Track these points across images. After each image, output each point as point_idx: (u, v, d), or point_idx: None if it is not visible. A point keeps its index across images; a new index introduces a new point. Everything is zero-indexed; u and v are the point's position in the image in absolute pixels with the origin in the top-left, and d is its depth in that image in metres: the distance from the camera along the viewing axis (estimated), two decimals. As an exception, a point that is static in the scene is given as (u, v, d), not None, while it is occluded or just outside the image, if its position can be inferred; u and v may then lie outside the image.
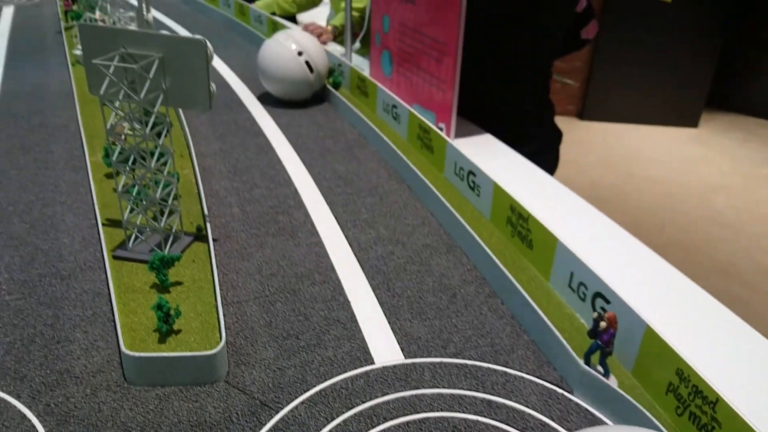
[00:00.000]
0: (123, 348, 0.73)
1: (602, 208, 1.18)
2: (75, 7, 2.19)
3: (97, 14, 1.75)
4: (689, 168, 4.02)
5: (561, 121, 1.80)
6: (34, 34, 2.21)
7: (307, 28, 2.19)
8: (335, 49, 2.12)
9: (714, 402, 0.62)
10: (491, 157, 1.38)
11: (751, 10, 4.56)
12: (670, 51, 4.47)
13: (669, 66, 4.53)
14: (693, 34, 4.40)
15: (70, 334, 0.80)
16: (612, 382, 0.72)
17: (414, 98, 1.54)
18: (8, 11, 2.56)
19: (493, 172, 1.07)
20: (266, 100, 1.65)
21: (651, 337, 0.71)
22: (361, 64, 1.93)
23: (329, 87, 1.67)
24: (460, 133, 1.49)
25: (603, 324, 0.71)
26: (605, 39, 4.52)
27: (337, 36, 2.24)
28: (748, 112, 4.92)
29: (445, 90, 1.39)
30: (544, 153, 1.64)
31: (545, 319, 0.79)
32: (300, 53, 1.56)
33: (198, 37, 0.83)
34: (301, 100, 1.62)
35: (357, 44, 2.02)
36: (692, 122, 4.70)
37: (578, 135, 4.47)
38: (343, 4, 2.12)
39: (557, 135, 1.76)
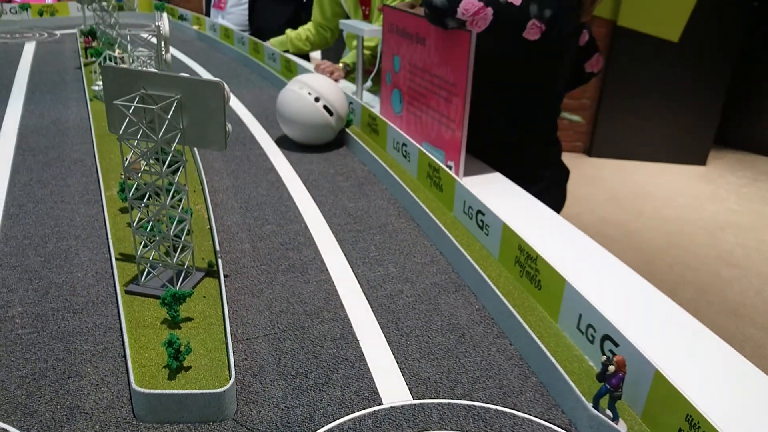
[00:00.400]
0: (133, 384, 0.74)
1: (611, 246, 1.19)
2: (95, 44, 2.25)
3: (117, 51, 1.80)
4: (698, 206, 4.02)
5: (569, 158, 1.82)
6: (54, 70, 2.28)
7: (318, 66, 2.24)
8: (346, 86, 2.16)
9: (724, 450, 0.61)
10: (500, 195, 1.39)
11: (760, 48, 4.61)
12: (678, 88, 4.52)
13: (676, 103, 4.57)
14: (700, 72, 4.45)
15: (81, 369, 0.81)
16: (621, 427, 0.71)
17: (423, 137, 1.57)
18: (30, 47, 2.64)
19: (501, 211, 1.09)
20: (278, 136, 1.68)
21: (660, 381, 0.71)
22: (371, 102, 1.97)
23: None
24: (469, 172, 1.51)
25: (612, 368, 0.71)
26: (612, 76, 4.57)
27: (349, 73, 2.29)
28: (756, 151, 4.93)
29: (454, 129, 1.42)
30: (551, 191, 1.65)
31: (553, 361, 0.79)
32: (317, 99, 1.55)
33: (216, 79, 0.86)
34: (326, 144, 1.63)
35: (368, 83, 2.07)
36: (700, 160, 4.71)
37: (586, 172, 4.49)
38: (355, 42, 2.18)
39: (564, 173, 1.77)
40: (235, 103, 1.95)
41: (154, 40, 1.32)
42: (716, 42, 4.36)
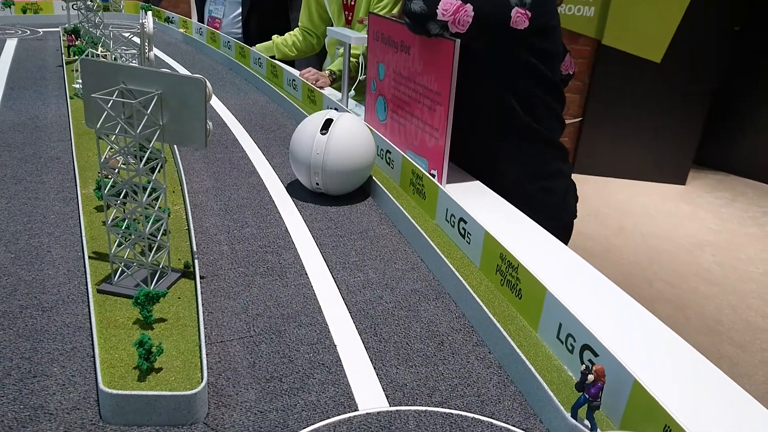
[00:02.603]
0: (101, 385, 0.72)
1: (591, 261, 1.19)
2: (78, 43, 2.22)
3: (100, 50, 1.77)
4: (677, 224, 4.06)
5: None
6: (35, 67, 2.24)
7: (303, 74, 2.23)
8: (332, 94, 2.15)
9: (702, 461, 0.61)
10: (482, 204, 1.39)
11: (739, 72, 4.70)
12: (659, 109, 4.58)
13: (657, 123, 4.63)
14: (681, 93, 4.53)
15: (47, 369, 0.78)
16: (599, 437, 0.70)
17: (407, 144, 1.56)
18: (11, 43, 2.60)
19: (483, 220, 1.08)
20: (261, 139, 1.66)
21: (639, 391, 0.70)
22: (356, 110, 1.96)
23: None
24: (452, 180, 1.50)
25: (591, 377, 0.70)
26: (596, 94, 4.63)
27: (334, 81, 2.28)
28: (734, 172, 5.01)
29: (437, 138, 1.41)
30: (567, 198, 1.60)
31: (533, 370, 0.78)
32: (316, 172, 1.30)
33: (197, 75, 0.85)
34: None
35: (352, 91, 2.06)
36: (680, 180, 4.77)
37: (568, 187, 4.51)
38: (341, 51, 2.17)
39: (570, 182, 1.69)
40: (219, 106, 1.93)
41: (137, 39, 1.30)
42: (698, 64, 4.44)
